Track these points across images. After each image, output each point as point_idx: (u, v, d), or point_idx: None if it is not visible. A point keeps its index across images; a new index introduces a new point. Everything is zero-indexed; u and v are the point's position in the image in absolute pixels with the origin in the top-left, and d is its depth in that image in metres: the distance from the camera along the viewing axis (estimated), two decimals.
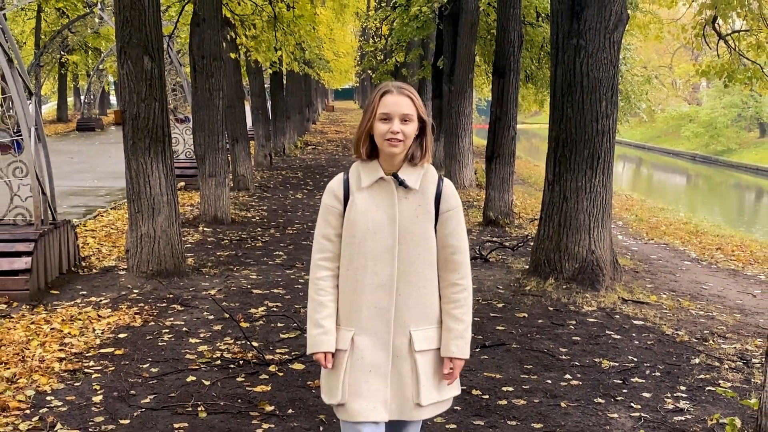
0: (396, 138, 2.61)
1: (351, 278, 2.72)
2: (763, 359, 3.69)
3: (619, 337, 5.91)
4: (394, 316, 2.70)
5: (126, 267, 7.76)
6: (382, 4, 23.38)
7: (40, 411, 4.39)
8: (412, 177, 2.70)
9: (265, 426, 4.22)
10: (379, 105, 2.65)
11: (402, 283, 2.69)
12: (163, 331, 5.94)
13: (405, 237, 2.69)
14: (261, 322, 6.19)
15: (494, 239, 9.78)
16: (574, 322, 6.26)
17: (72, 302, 6.66)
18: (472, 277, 2.79)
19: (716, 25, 10.22)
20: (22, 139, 7.11)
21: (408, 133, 2.64)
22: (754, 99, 35.18)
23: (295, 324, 6.05)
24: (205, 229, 10.48)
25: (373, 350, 2.70)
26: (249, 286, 7.34)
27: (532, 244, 8.26)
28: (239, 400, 4.58)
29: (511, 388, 4.80)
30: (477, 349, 5.43)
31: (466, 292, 2.77)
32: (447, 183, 2.77)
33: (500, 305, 6.72)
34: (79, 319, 6.16)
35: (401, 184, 2.69)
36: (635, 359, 5.41)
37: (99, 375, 4.98)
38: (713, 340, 5.88)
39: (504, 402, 4.59)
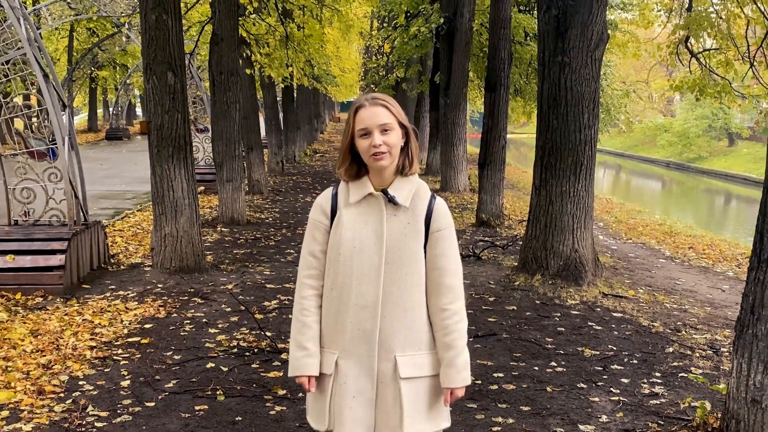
0: (380, 151, 2.26)
1: (335, 298, 2.36)
2: (731, 348, 3.70)
3: (599, 328, 5.91)
4: (378, 340, 2.31)
5: (151, 264, 7.76)
6: (384, 24, 23.40)
7: (74, 394, 4.41)
8: (402, 193, 2.34)
9: (278, 408, 4.23)
10: (355, 122, 2.30)
11: (388, 305, 2.31)
12: (185, 322, 5.94)
13: (392, 256, 2.31)
14: (274, 313, 6.20)
15: (486, 239, 9.78)
16: (558, 315, 6.26)
17: (102, 296, 6.67)
18: (466, 274, 2.46)
19: (689, 44, 10.22)
20: (56, 147, 7.13)
21: (391, 142, 2.28)
22: (724, 111, 35.19)
23: None
24: (222, 229, 10.49)
25: (357, 375, 2.33)
26: (263, 281, 7.34)
27: (520, 243, 8.26)
28: (254, 385, 4.59)
29: (501, 375, 4.81)
30: (470, 339, 5.42)
31: (456, 316, 2.36)
32: (439, 201, 2.39)
33: (492, 299, 6.73)
34: (109, 311, 6.17)
35: (390, 200, 2.32)
36: (614, 348, 5.41)
37: (127, 362, 4.99)
38: (686, 331, 5.88)
39: (495, 387, 4.59)
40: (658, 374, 4.88)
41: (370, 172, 2.35)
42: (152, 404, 4.27)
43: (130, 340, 5.45)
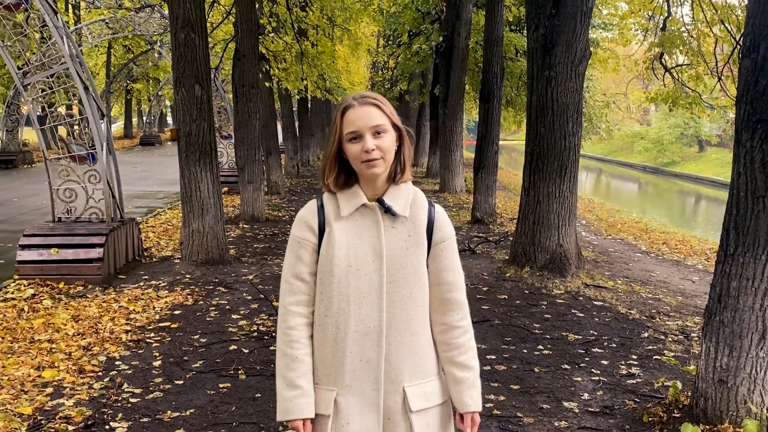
0: (372, 157, 1.77)
1: (330, 326, 1.83)
2: (700, 333, 3.69)
3: (582, 315, 5.90)
4: (384, 371, 1.82)
5: (180, 256, 7.78)
6: (389, 42, 23.38)
7: (111, 373, 4.43)
8: (399, 202, 1.84)
9: None
10: (342, 124, 1.80)
11: (392, 330, 1.82)
12: (210, 308, 5.96)
13: (394, 274, 1.82)
14: None
15: (480, 235, 9.77)
16: (545, 303, 6.25)
17: (136, 285, 6.69)
18: (462, 266, 2.00)
19: (663, 60, 10.17)
20: (95, 152, 7.15)
21: (385, 147, 1.78)
22: (694, 120, 35.04)
23: None
24: (244, 225, 10.50)
25: (360, 414, 1.82)
26: (280, 273, 7.32)
27: (511, 239, 8.26)
28: (272, 365, 4.59)
29: (493, 357, 4.81)
30: None
31: (468, 334, 1.92)
32: (439, 209, 1.92)
33: (485, 289, 6.72)
34: (142, 299, 6.19)
35: (387, 211, 1.83)
36: (595, 333, 5.40)
37: (158, 344, 5.01)
38: (659, 318, 5.86)
39: (488, 368, 4.59)
40: (634, 357, 4.87)
41: (360, 180, 1.86)
42: (181, 382, 4.29)
43: (161, 324, 5.47)
